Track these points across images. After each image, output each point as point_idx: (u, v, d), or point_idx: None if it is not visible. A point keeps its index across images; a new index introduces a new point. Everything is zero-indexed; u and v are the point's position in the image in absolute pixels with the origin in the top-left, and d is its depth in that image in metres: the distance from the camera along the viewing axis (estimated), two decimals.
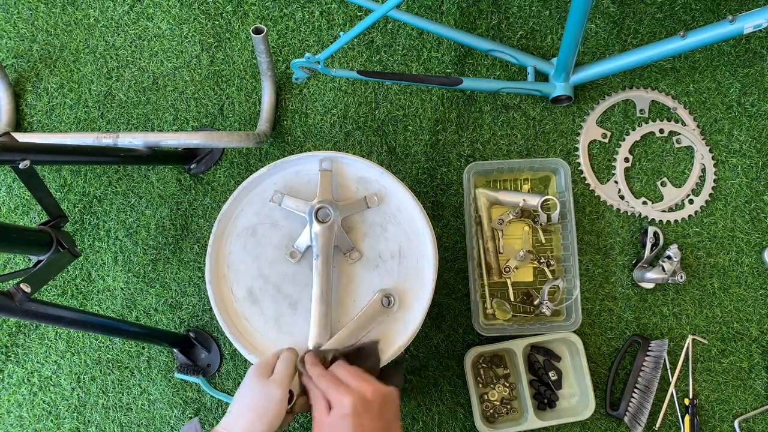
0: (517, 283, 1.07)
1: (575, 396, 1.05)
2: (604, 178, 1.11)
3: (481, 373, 1.05)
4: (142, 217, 1.12)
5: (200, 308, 1.10)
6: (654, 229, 1.06)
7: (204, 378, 1.06)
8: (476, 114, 1.13)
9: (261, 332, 0.85)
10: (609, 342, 1.07)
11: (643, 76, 1.13)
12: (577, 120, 1.12)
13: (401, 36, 1.16)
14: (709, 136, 1.11)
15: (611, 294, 1.08)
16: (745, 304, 1.07)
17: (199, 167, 1.12)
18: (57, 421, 1.08)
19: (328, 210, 0.84)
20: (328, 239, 0.83)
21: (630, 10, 1.15)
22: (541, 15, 1.15)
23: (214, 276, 0.85)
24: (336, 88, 1.14)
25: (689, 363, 1.05)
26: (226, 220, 0.87)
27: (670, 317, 1.07)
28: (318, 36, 1.17)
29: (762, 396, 1.05)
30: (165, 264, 1.11)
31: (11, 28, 1.20)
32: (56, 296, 1.11)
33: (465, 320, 1.07)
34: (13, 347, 1.10)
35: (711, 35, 0.97)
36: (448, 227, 1.10)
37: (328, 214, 0.84)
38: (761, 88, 1.12)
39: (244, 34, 1.17)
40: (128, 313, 1.10)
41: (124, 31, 1.19)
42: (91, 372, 1.09)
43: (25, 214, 1.14)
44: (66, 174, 1.14)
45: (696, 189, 1.10)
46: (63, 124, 1.16)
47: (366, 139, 1.13)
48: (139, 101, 1.16)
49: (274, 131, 1.13)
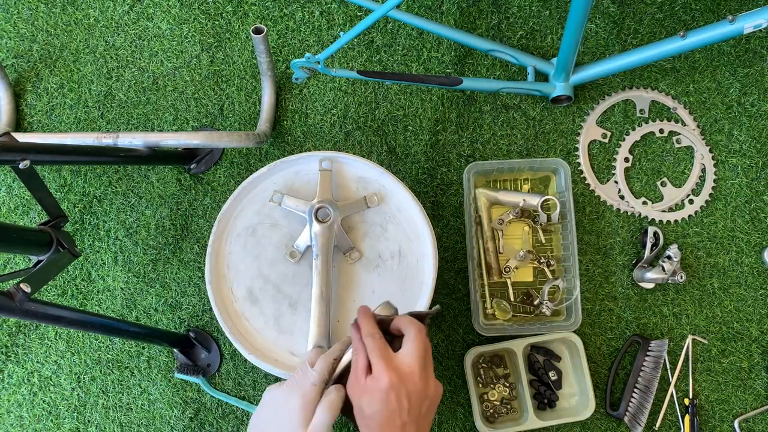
0: (517, 283, 1.07)
1: (575, 396, 1.05)
2: (604, 178, 1.11)
3: (481, 373, 1.05)
4: (142, 217, 1.12)
5: (200, 308, 1.10)
6: (654, 229, 1.06)
7: (204, 378, 1.06)
8: (476, 114, 1.13)
9: (261, 332, 0.85)
10: (609, 342, 1.07)
11: (643, 76, 1.13)
12: (577, 120, 1.12)
13: (401, 36, 1.16)
14: (709, 136, 1.11)
15: (611, 294, 1.08)
16: (745, 304, 1.07)
17: (199, 167, 1.12)
18: (57, 421, 1.08)
19: (328, 210, 0.84)
20: (327, 239, 0.83)
21: (630, 10, 1.15)
22: (541, 15, 1.15)
23: (214, 276, 0.85)
24: (336, 88, 1.14)
25: (689, 363, 1.05)
26: (226, 220, 0.87)
27: (670, 317, 1.07)
28: (318, 36, 1.17)
29: (762, 396, 1.05)
30: (165, 264, 1.11)
31: (11, 28, 1.20)
32: (56, 296, 1.11)
33: (465, 320, 1.07)
34: (13, 347, 1.10)
35: (711, 35, 0.97)
36: (448, 227, 1.10)
37: (328, 213, 0.84)
38: (761, 88, 1.12)
39: (244, 34, 1.17)
40: (128, 313, 1.10)
41: (124, 31, 1.19)
42: (91, 372, 1.09)
43: (25, 214, 1.14)
44: (66, 174, 1.14)
45: (696, 189, 1.10)
46: (63, 124, 1.16)
47: (366, 139, 1.13)
48: (139, 101, 1.16)
49: (274, 131, 1.13)
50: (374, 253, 0.86)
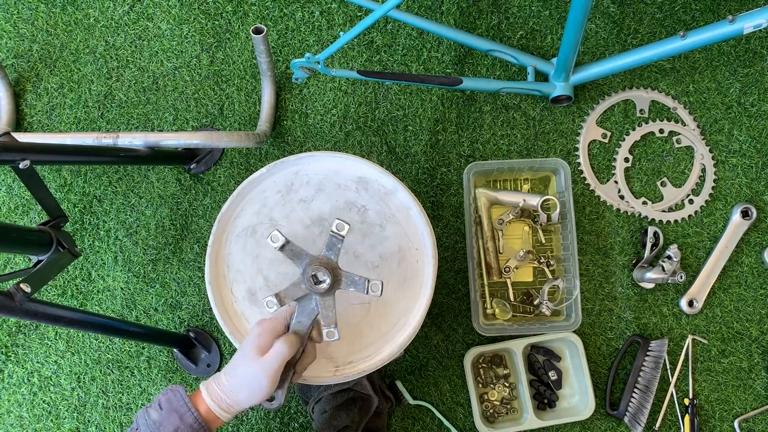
0: (517, 283, 1.07)
1: (575, 396, 1.05)
2: (604, 178, 1.11)
3: (481, 373, 1.05)
4: (142, 217, 1.12)
5: (200, 308, 1.10)
6: (654, 229, 1.06)
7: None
8: (476, 114, 1.13)
9: None
10: (609, 342, 1.07)
11: (643, 76, 1.13)
12: (577, 120, 1.12)
13: (401, 36, 1.16)
14: (709, 136, 1.11)
15: (611, 294, 1.08)
16: (745, 304, 1.07)
17: (199, 167, 1.12)
18: (57, 421, 1.08)
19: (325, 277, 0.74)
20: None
21: (630, 10, 1.15)
22: (541, 15, 1.15)
23: (214, 276, 0.85)
24: (336, 88, 1.14)
25: (689, 363, 1.05)
26: (226, 220, 0.87)
27: (670, 317, 1.07)
28: (318, 36, 1.17)
29: (762, 396, 1.05)
30: (165, 264, 1.11)
31: (11, 28, 1.20)
32: (56, 296, 1.11)
33: (465, 320, 1.07)
34: (13, 347, 1.10)
35: (711, 35, 0.96)
36: (448, 227, 1.10)
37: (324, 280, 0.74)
38: (761, 88, 1.12)
39: (244, 34, 1.17)
40: (128, 313, 1.10)
41: (124, 31, 1.19)
42: (91, 372, 1.09)
43: (25, 214, 1.14)
44: (66, 174, 1.14)
45: (696, 189, 1.10)
46: (63, 124, 1.16)
47: (366, 139, 1.13)
48: (139, 101, 1.16)
49: (274, 131, 1.13)
50: (374, 253, 0.86)
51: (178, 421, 0.66)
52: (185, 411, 0.67)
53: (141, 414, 0.69)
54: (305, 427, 1.05)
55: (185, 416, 0.67)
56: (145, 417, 0.68)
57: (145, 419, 0.68)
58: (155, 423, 0.67)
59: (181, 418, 0.67)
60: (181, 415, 0.67)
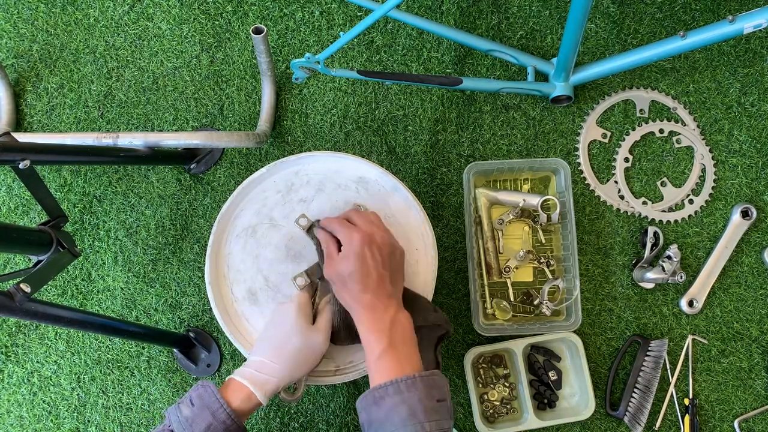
0: (517, 283, 1.07)
1: (575, 396, 1.05)
2: (604, 178, 1.11)
3: (481, 373, 1.05)
4: (142, 217, 1.12)
5: (200, 308, 1.10)
6: (654, 229, 1.06)
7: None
8: (476, 114, 1.13)
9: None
10: (609, 342, 1.07)
11: (643, 76, 1.13)
12: (577, 120, 1.12)
13: (401, 36, 1.16)
14: (709, 136, 1.11)
15: (611, 294, 1.08)
16: (745, 304, 1.07)
17: (199, 167, 1.12)
18: (57, 421, 1.08)
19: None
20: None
21: (630, 10, 1.15)
22: (541, 15, 1.15)
23: (214, 276, 0.85)
24: (336, 88, 1.14)
25: (689, 363, 1.05)
26: (226, 220, 0.87)
27: (670, 317, 1.07)
28: (318, 36, 1.17)
29: (762, 396, 1.05)
30: (165, 264, 1.11)
31: (11, 28, 1.20)
32: (56, 296, 1.11)
33: (465, 320, 1.07)
34: (13, 347, 1.10)
35: (711, 35, 0.97)
36: (448, 227, 1.10)
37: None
38: (761, 88, 1.12)
39: (244, 34, 1.17)
40: (128, 313, 1.10)
41: (124, 31, 1.19)
42: (91, 372, 1.09)
43: (25, 214, 1.14)
44: (66, 174, 1.14)
45: (696, 189, 1.10)
46: (63, 124, 1.16)
47: (366, 139, 1.13)
48: (139, 101, 1.16)
49: (274, 131, 1.13)
50: None
51: (211, 417, 0.67)
52: (217, 407, 0.67)
53: (173, 410, 0.69)
54: (305, 427, 1.06)
55: (217, 413, 0.67)
56: (177, 413, 0.68)
57: (177, 416, 0.68)
58: (187, 419, 0.67)
59: (213, 414, 0.67)
60: (213, 412, 0.67)
